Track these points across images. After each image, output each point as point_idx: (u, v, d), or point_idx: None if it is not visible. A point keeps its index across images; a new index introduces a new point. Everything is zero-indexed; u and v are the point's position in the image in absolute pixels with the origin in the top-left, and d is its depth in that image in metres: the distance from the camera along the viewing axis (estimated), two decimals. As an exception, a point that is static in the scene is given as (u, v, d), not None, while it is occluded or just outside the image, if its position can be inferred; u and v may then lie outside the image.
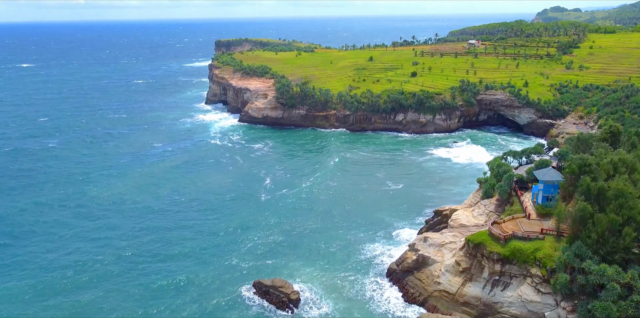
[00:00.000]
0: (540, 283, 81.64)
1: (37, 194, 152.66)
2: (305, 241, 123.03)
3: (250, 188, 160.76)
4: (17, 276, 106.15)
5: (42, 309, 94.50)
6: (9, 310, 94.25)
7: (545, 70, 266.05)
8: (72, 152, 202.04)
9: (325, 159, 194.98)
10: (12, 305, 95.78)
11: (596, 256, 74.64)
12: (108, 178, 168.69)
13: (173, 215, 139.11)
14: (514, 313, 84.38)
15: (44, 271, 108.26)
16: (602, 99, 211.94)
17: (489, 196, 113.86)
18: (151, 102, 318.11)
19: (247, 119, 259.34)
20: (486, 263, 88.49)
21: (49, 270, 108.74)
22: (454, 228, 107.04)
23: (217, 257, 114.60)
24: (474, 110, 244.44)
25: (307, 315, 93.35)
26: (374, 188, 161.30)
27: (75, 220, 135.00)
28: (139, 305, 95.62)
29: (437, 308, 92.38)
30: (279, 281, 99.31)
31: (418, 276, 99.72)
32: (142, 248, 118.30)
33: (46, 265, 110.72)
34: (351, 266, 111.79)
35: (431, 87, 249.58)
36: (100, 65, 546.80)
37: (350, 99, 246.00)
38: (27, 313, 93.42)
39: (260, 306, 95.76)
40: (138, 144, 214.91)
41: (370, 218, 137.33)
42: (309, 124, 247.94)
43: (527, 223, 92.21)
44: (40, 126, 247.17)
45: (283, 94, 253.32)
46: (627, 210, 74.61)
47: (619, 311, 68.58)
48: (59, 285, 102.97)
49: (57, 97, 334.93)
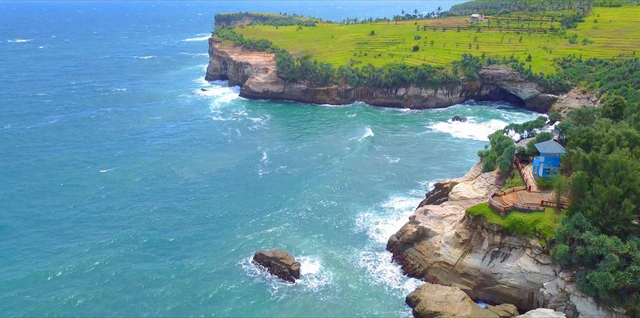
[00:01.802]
0: (540, 255, 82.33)
1: (34, 175, 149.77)
2: (305, 214, 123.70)
3: (250, 163, 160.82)
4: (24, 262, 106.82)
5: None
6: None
7: (549, 44, 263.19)
8: (72, 129, 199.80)
9: (325, 134, 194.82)
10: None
11: (596, 228, 74.99)
12: (108, 155, 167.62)
13: (174, 190, 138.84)
14: (512, 284, 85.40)
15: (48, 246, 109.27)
16: (606, 73, 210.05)
17: (490, 169, 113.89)
18: (151, 78, 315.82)
19: (248, 93, 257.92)
20: (486, 234, 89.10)
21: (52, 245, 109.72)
22: (455, 201, 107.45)
23: (217, 231, 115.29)
24: (476, 85, 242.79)
25: (308, 285, 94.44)
26: (373, 161, 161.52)
27: (76, 196, 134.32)
28: (141, 278, 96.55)
29: (437, 279, 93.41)
30: (280, 252, 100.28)
31: (418, 248, 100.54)
32: (143, 224, 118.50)
33: (50, 241, 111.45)
34: (350, 238, 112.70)
35: (433, 62, 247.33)
36: (99, 40, 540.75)
37: (351, 73, 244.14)
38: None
39: (261, 276, 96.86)
40: (138, 120, 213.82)
41: (369, 191, 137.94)
42: (310, 98, 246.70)
43: (527, 196, 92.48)
44: (39, 103, 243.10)
45: (284, 68, 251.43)
46: (628, 182, 74.67)
47: (616, 281, 69.19)
48: (64, 255, 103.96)
49: (56, 73, 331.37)
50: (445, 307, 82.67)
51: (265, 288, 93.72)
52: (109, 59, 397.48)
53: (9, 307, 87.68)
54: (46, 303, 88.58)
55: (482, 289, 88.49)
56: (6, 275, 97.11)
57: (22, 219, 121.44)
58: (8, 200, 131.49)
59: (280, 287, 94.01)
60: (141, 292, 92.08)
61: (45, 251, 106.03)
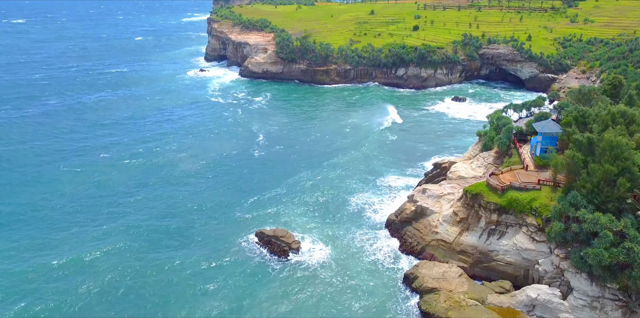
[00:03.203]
0: (535, 232, 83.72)
1: (31, 162, 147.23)
2: (304, 194, 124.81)
3: (248, 143, 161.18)
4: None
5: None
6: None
7: (550, 23, 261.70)
8: (69, 111, 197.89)
9: (323, 113, 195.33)
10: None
11: (591, 206, 76.12)
12: (105, 133, 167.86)
13: (173, 172, 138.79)
14: (508, 261, 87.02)
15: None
16: (606, 53, 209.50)
17: (488, 149, 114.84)
18: (149, 59, 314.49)
19: (247, 74, 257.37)
20: (483, 213, 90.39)
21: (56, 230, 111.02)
22: (453, 180, 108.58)
23: (218, 211, 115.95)
24: (475, 65, 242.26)
25: (308, 263, 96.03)
26: (371, 141, 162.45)
27: (76, 177, 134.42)
28: (142, 258, 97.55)
29: (434, 256, 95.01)
30: (280, 231, 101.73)
31: (416, 226, 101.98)
32: (142, 206, 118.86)
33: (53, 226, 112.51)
34: (348, 216, 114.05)
35: (433, 42, 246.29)
36: (96, 21, 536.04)
37: (351, 53, 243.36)
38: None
39: (262, 254, 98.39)
40: (136, 102, 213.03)
41: (367, 170, 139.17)
42: (310, 78, 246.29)
43: (524, 174, 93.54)
44: (36, 85, 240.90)
45: (283, 48, 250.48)
46: (622, 160, 75.51)
47: (610, 257, 70.58)
48: (67, 241, 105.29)
49: (52, 54, 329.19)
50: (442, 283, 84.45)
51: (266, 266, 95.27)
52: (105, 39, 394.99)
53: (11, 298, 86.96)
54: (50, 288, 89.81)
55: (479, 266, 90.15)
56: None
57: (17, 207, 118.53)
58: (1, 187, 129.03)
59: (281, 264, 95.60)
60: (143, 271, 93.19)
61: (45, 239, 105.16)
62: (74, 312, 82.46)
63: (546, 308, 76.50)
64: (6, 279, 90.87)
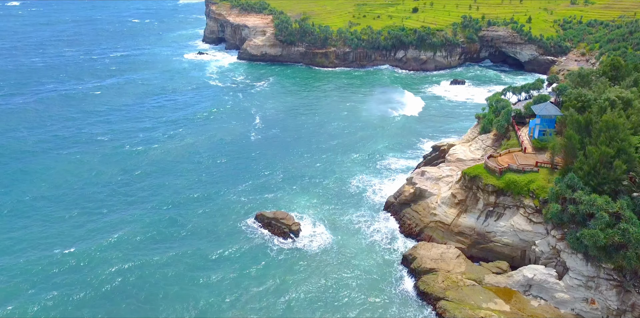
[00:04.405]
0: (533, 214, 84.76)
1: (30, 150, 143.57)
2: (303, 176, 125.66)
3: (246, 127, 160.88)
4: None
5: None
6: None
7: (550, 5, 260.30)
8: (66, 97, 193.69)
9: (322, 96, 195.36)
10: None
11: (587, 187, 76.99)
12: (102, 119, 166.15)
13: (172, 157, 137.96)
14: (505, 242, 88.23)
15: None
16: (606, 35, 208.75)
17: (486, 131, 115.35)
18: (146, 42, 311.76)
19: (246, 56, 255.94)
20: (481, 195, 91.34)
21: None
22: (451, 163, 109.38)
23: (218, 194, 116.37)
24: (475, 47, 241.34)
25: (308, 244, 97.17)
26: (370, 123, 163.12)
27: (73, 164, 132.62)
28: (141, 240, 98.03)
29: (433, 237, 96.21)
30: (280, 213, 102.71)
31: (415, 208, 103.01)
32: (141, 191, 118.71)
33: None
34: (347, 198, 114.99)
35: (432, 24, 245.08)
36: (91, 2, 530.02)
37: (350, 36, 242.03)
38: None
39: (262, 236, 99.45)
40: (134, 85, 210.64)
41: (366, 152, 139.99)
42: (308, 61, 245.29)
43: (522, 157, 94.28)
44: (31, 70, 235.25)
45: (282, 30, 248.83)
46: (618, 142, 76.08)
47: (605, 238, 71.62)
48: (67, 225, 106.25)
49: (47, 38, 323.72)
50: (440, 264, 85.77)
51: (266, 248, 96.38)
52: (101, 21, 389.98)
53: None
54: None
55: (476, 247, 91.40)
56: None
57: (11, 196, 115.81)
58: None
59: (281, 246, 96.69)
60: (144, 254, 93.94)
61: (43, 227, 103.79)
62: (77, 294, 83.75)
63: (542, 288, 77.93)
64: (2, 275, 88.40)
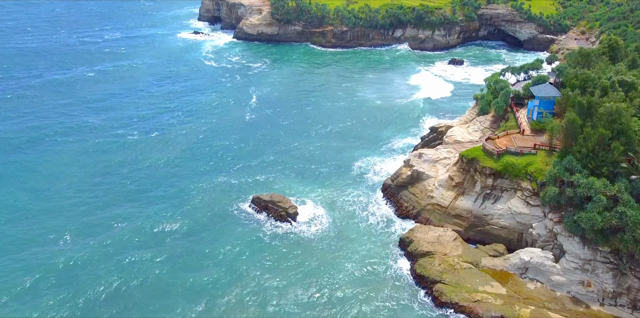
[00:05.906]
0: (530, 196, 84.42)
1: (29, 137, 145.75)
2: (300, 158, 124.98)
3: (241, 108, 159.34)
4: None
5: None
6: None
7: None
8: (59, 82, 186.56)
9: (319, 76, 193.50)
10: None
11: (585, 170, 76.53)
12: (99, 106, 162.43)
13: (166, 139, 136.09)
14: (502, 225, 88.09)
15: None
16: (606, 13, 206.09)
17: (485, 113, 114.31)
18: (141, 21, 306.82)
19: (242, 36, 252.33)
20: (479, 177, 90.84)
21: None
22: (449, 145, 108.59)
23: (214, 177, 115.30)
24: (474, 25, 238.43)
25: (305, 227, 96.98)
26: (364, 103, 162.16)
27: (73, 154, 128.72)
28: (140, 225, 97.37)
29: (430, 220, 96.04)
30: (277, 196, 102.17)
31: (412, 190, 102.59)
32: (135, 174, 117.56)
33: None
34: (344, 179, 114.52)
35: (431, 2, 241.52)
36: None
37: (347, 14, 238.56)
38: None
39: (259, 220, 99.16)
40: (129, 67, 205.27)
41: (362, 132, 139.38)
42: (305, 40, 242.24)
43: (520, 139, 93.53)
44: (19, 53, 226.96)
45: (278, 9, 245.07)
46: (618, 124, 75.28)
47: (602, 221, 71.47)
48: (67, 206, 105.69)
49: (37, 19, 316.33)
50: (437, 247, 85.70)
51: (263, 230, 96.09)
52: (90, 2, 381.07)
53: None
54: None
55: (473, 230, 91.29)
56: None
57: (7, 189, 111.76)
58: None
59: (278, 229, 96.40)
60: (141, 237, 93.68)
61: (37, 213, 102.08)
62: (79, 283, 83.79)
63: (539, 271, 78.04)
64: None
